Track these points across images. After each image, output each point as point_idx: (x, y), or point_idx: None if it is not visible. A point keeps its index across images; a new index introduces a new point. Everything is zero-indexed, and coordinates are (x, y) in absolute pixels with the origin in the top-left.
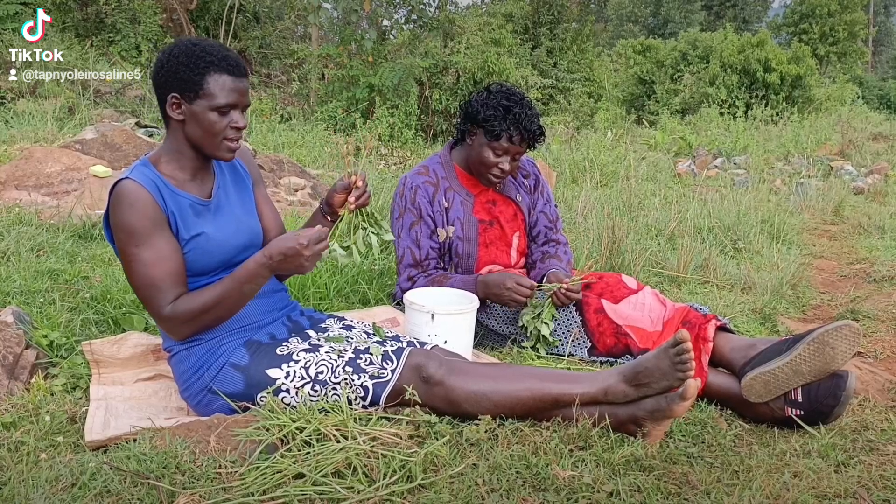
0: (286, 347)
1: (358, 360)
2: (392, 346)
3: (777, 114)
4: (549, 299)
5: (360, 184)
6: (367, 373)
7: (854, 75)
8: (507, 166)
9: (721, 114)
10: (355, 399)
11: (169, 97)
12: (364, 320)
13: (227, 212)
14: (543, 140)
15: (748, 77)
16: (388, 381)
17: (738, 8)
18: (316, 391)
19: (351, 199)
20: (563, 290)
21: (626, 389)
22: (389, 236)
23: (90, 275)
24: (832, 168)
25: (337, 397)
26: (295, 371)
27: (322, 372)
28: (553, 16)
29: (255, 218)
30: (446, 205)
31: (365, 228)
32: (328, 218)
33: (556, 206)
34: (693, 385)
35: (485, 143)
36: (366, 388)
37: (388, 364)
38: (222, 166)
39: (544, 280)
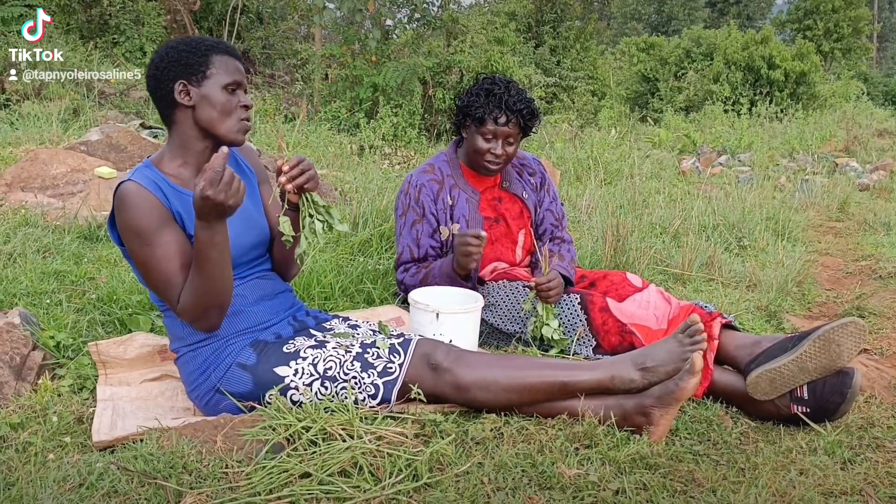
0: (293, 345)
1: (365, 355)
2: (398, 339)
3: (781, 111)
4: (537, 299)
5: (285, 168)
6: (375, 369)
7: (859, 72)
8: (499, 150)
9: (725, 111)
10: (363, 399)
11: (176, 85)
12: (369, 320)
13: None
14: (537, 121)
15: (752, 74)
16: (397, 377)
17: (741, 5)
18: (326, 387)
19: (282, 179)
20: (539, 287)
21: (633, 374)
22: (341, 227)
23: (96, 276)
24: (837, 165)
25: (347, 394)
26: (303, 368)
27: (331, 368)
28: (556, 14)
29: (264, 216)
30: (451, 202)
31: (311, 216)
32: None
33: (562, 204)
34: (699, 358)
35: (474, 131)
36: (376, 387)
37: (395, 357)
38: (228, 164)
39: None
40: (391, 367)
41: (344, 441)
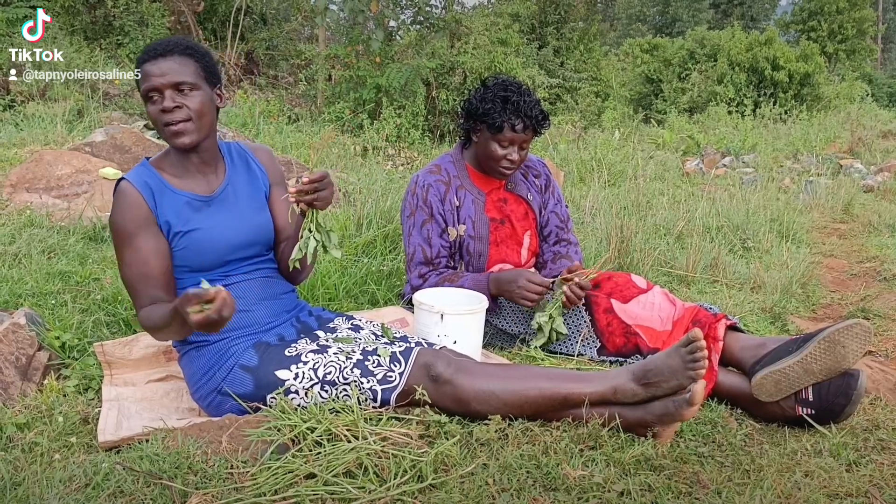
0: (295, 349)
1: (366, 363)
2: (400, 346)
3: (786, 112)
4: (558, 300)
5: (304, 180)
6: (375, 376)
7: (863, 73)
8: (515, 156)
9: (729, 112)
10: (365, 401)
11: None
12: (373, 320)
13: (230, 207)
14: (548, 125)
15: (756, 75)
16: (397, 385)
17: (745, 6)
18: (326, 391)
19: (290, 188)
20: (574, 284)
21: (636, 388)
22: (335, 252)
23: (101, 276)
24: (841, 166)
25: (347, 397)
26: (304, 372)
27: (330, 373)
28: (560, 15)
29: (265, 215)
30: (457, 203)
31: (310, 231)
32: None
33: (566, 206)
34: (700, 389)
35: (489, 137)
36: (374, 392)
37: (395, 366)
38: (235, 163)
39: (555, 281)
40: (391, 377)
41: (349, 442)
